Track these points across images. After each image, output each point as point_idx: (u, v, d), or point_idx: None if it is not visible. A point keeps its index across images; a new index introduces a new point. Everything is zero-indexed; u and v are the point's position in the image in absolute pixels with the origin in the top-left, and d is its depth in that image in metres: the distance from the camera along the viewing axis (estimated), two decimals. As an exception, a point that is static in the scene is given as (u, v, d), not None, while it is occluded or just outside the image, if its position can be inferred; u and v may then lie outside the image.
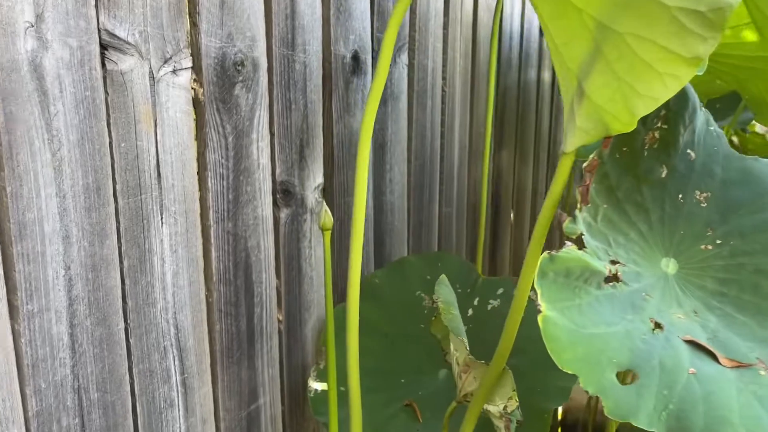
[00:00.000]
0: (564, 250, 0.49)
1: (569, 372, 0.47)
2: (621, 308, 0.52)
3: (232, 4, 0.75)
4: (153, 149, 0.69)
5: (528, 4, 1.47)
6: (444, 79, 1.20)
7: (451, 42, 1.20)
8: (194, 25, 0.72)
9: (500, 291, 0.91)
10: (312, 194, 0.93)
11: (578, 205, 0.53)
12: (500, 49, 1.38)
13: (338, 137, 0.96)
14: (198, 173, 0.76)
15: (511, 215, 1.58)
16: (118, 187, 0.66)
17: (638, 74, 0.48)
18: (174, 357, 0.76)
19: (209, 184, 0.77)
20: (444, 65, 1.20)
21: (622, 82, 0.50)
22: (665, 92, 0.47)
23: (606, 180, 0.57)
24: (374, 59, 1.01)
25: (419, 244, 1.20)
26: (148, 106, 0.68)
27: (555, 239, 1.89)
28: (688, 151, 0.60)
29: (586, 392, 0.46)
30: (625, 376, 0.47)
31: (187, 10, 0.71)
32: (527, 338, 0.85)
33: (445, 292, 0.70)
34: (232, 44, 0.76)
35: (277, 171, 0.86)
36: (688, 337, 0.51)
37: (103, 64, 0.63)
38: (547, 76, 1.64)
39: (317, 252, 0.96)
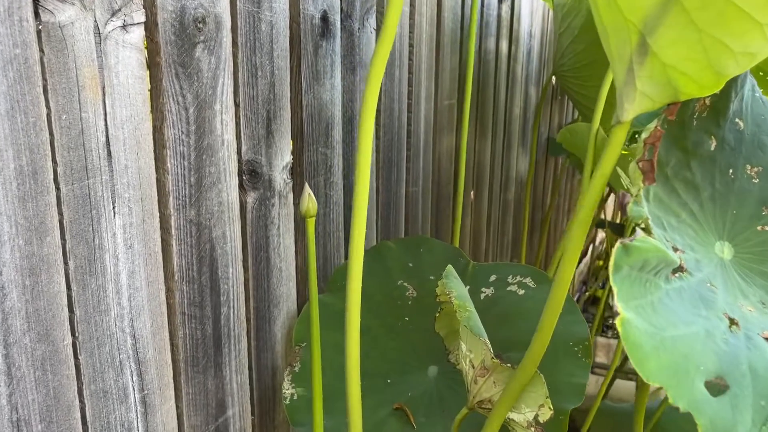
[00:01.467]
0: (637, 239, 0.41)
1: (656, 385, 0.39)
2: (692, 303, 0.44)
3: (191, -53, 0.63)
4: (101, 123, 0.56)
5: (490, -32, 1.39)
6: (411, 46, 1.10)
7: (417, 5, 1.10)
8: (147, -30, 0.59)
9: (493, 278, 0.83)
10: (280, 175, 0.81)
11: (641, 185, 0.45)
12: (463, 14, 1.29)
13: (307, 109, 0.85)
14: (155, 152, 0.63)
15: (472, 193, 1.51)
16: (59, 170, 0.53)
17: (729, 25, 0.40)
18: (131, 372, 0.63)
19: (168, 165, 0.64)
20: (411, 31, 1.10)
21: (704, 35, 0.41)
22: (765, 47, 0.39)
23: (655, 154, 0.49)
24: (343, 21, 0.90)
25: (387, 227, 1.10)
26: (94, 69, 0.55)
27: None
28: (737, 120, 0.53)
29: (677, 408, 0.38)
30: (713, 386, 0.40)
31: (137, -50, 0.58)
32: (526, 330, 0.77)
33: (456, 286, 0.61)
34: (192, -4, 0.63)
35: (243, 148, 0.74)
36: (769, 334, 0.45)
37: (37, 14, 0.50)
38: (504, 46, 1.57)
39: (285, 240, 0.84)
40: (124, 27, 0.57)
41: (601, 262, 3.06)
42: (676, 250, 0.47)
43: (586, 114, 1.36)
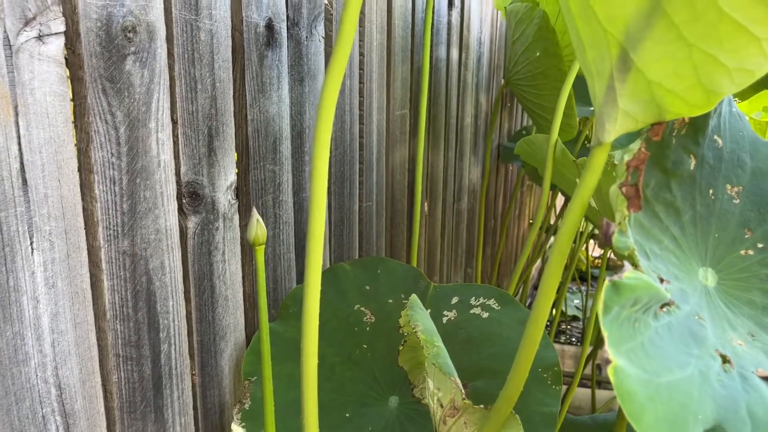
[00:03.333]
0: (627, 274, 0.37)
1: (653, 442, 0.35)
2: (682, 340, 0.41)
3: (118, -52, 0.56)
4: (14, 147, 0.49)
5: (441, -26, 1.35)
6: (362, 55, 1.05)
7: (367, 12, 1.05)
8: (66, -27, 0.52)
9: (455, 300, 0.79)
10: (224, 196, 0.75)
11: (625, 212, 0.41)
12: (413, 22, 1.25)
13: (253, 124, 0.79)
14: (80, 177, 0.56)
15: (426, 206, 1.47)
16: (-37, 204, 0.46)
17: (723, 40, 0.36)
18: (57, 427, 0.56)
19: (96, 192, 0.57)
20: (361, 39, 1.05)
21: (695, 50, 0.38)
22: (764, 63, 0.36)
23: (633, 175, 0.45)
24: (289, 29, 0.84)
25: (341, 245, 1.05)
26: (4, 86, 0.48)
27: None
28: (716, 137, 0.50)
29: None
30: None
31: (54, -50, 0.51)
32: (492, 356, 0.73)
33: (422, 319, 0.56)
34: (120, 3, 0.57)
35: (182, 169, 0.68)
36: (764, 373, 0.41)
37: (-70, 23, 0.43)
38: (454, 53, 1.54)
39: (231, 266, 0.78)
40: (39, 38, 0.50)
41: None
42: (661, 280, 0.44)
43: (540, 123, 1.34)
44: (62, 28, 0.52)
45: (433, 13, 1.35)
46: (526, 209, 2.96)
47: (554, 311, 1.86)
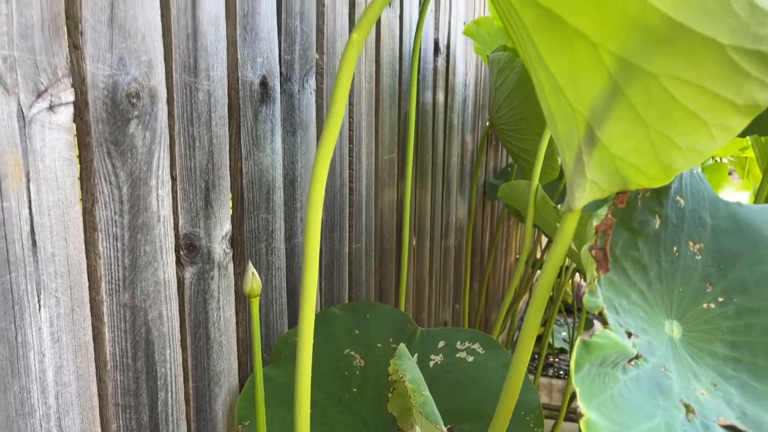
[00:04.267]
0: (597, 333, 0.41)
1: (621, 490, 0.38)
2: (650, 392, 0.44)
3: (123, 21, 0.60)
4: (25, 211, 0.52)
5: (427, 24, 1.41)
6: (351, 105, 1.10)
7: (357, 64, 1.10)
8: (76, 47, 0.56)
9: (441, 344, 0.82)
10: (219, 245, 0.78)
11: (595, 273, 0.44)
12: (400, 70, 1.30)
13: (248, 176, 0.82)
14: (85, 236, 0.59)
15: (414, 241, 1.50)
16: (-23, 267, 0.49)
17: (676, 123, 0.41)
18: (59, 476, 0.58)
19: (100, 249, 0.60)
20: (350, 89, 1.09)
21: (652, 130, 0.42)
22: (712, 144, 0.40)
23: (603, 236, 0.49)
24: (282, 85, 0.88)
25: (331, 288, 1.08)
26: (17, 155, 0.51)
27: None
28: (678, 197, 0.54)
29: None
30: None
31: (65, 28, 0.55)
32: (478, 399, 0.76)
33: (410, 369, 0.59)
34: (125, 71, 0.60)
35: (180, 222, 0.71)
36: (725, 421, 0.45)
37: (-48, 102, 0.46)
38: (441, 97, 1.59)
39: (225, 313, 0.81)
40: (51, 108, 0.54)
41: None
42: (630, 335, 0.47)
43: (523, 165, 1.39)
44: (72, 98, 0.56)
45: (419, 60, 1.40)
46: (512, 242, 3.00)
47: (542, 344, 1.89)
